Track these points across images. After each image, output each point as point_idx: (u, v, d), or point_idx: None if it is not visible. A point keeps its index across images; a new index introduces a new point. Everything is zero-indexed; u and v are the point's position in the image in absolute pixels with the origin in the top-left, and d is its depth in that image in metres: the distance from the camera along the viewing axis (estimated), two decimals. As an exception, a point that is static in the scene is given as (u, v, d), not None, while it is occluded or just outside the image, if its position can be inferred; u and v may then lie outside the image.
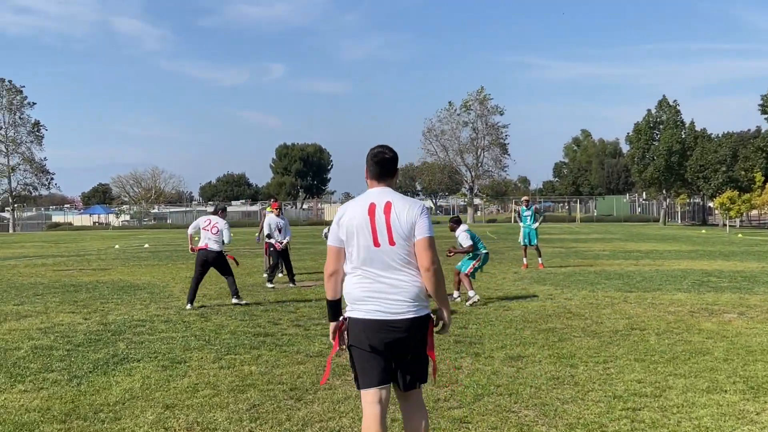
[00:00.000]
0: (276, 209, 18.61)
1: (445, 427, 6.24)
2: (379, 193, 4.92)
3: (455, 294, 14.62)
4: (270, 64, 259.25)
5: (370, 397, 4.79)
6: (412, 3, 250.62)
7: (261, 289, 17.12)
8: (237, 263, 15.39)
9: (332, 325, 5.00)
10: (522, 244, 22.35)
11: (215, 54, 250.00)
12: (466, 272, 14.40)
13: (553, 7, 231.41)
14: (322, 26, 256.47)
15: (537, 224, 22.66)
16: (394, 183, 5.09)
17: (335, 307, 5.02)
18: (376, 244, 4.77)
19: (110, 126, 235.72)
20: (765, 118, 52.87)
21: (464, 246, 14.37)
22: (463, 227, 14.84)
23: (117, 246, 42.24)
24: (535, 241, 22.32)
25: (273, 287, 17.15)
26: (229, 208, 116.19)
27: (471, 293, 14.00)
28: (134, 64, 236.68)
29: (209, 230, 14.11)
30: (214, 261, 14.21)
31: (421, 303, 4.79)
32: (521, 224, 22.67)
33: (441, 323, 5.03)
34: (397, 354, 4.78)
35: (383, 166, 4.99)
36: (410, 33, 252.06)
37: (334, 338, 4.97)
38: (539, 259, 22.27)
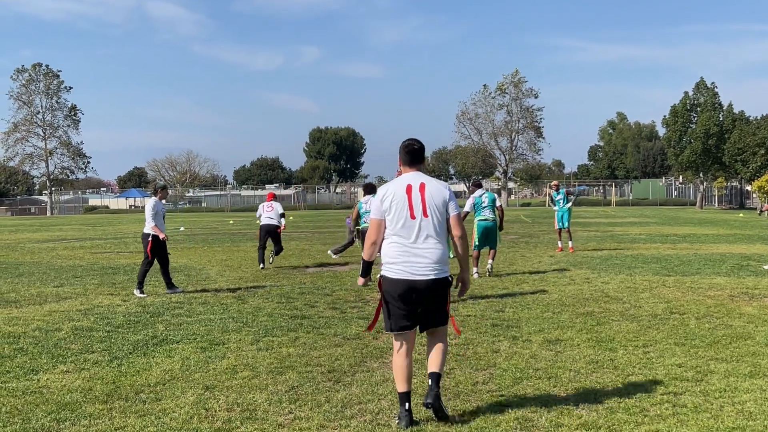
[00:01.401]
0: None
1: (484, 410, 6.21)
2: (413, 177, 6.23)
3: (474, 270, 15.31)
4: (304, 47, 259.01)
5: (397, 337, 6.09)
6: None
7: (298, 272, 17.19)
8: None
9: (361, 279, 6.83)
10: (557, 227, 22.24)
11: (249, 38, 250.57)
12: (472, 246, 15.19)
13: None
14: (357, 9, 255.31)
15: (570, 204, 22.58)
16: (424, 167, 6.42)
17: (368, 267, 6.56)
18: (412, 216, 6.04)
19: (146, 111, 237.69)
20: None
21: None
22: (477, 192, 15.70)
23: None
24: (567, 224, 22.22)
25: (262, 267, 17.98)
26: (263, 192, 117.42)
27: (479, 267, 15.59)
28: (169, 48, 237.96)
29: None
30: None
31: (443, 266, 6.06)
32: (555, 208, 22.51)
33: (460, 284, 6.40)
34: (421, 305, 6.02)
35: (413, 154, 6.34)
36: (445, 15, 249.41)
37: (363, 284, 7.02)
38: (570, 242, 22.13)
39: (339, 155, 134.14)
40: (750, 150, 67.83)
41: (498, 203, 15.91)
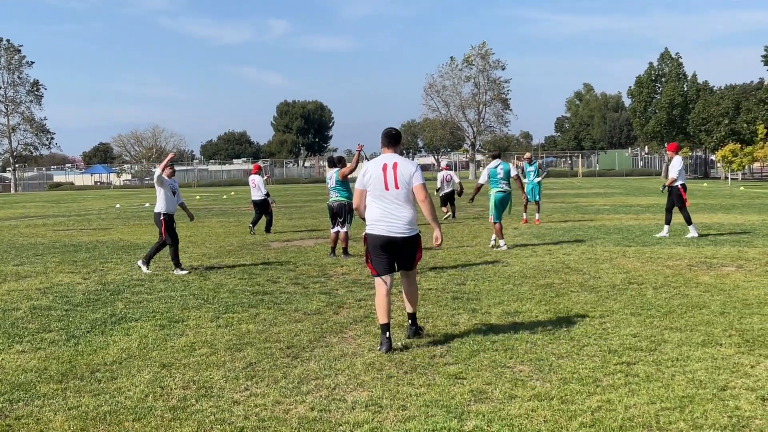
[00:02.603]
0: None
1: (440, 383, 6.25)
2: (389, 157, 7.84)
3: (501, 242, 15.61)
4: (272, 20, 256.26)
5: (380, 280, 7.65)
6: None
7: (262, 248, 17.12)
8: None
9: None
10: (526, 200, 22.33)
11: (216, 11, 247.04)
12: (491, 220, 15.63)
13: None
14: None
15: (540, 179, 22.82)
16: (398, 149, 8.08)
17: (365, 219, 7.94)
18: (386, 188, 7.63)
19: (112, 86, 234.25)
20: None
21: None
22: (492, 164, 16.03)
23: (118, 205, 42.30)
24: (538, 197, 22.41)
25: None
26: (230, 167, 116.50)
27: (496, 240, 15.74)
28: (136, 22, 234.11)
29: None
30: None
31: (413, 227, 7.71)
32: (525, 180, 22.58)
33: (435, 236, 7.88)
34: (396, 254, 7.69)
35: (390, 138, 8.02)
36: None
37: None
38: (537, 214, 22.36)
39: (307, 129, 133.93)
40: (714, 120, 68.48)
41: (513, 173, 15.97)
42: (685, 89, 74.25)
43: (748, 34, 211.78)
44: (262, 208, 20.80)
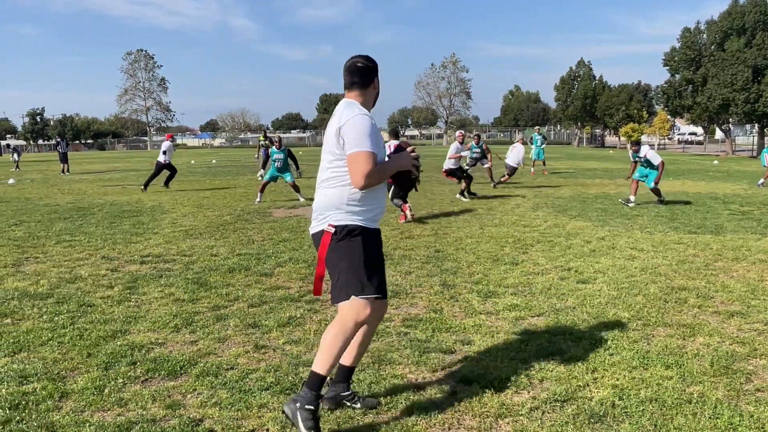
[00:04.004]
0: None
1: None
2: (337, 108, 3.15)
3: (631, 198, 12.58)
4: (322, 45, 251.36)
5: None
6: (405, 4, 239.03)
7: (261, 216, 13.24)
8: None
9: None
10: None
11: (286, 39, 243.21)
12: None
13: (491, 8, 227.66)
14: (360, 20, 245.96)
15: (543, 145, 22.26)
16: (364, 95, 3.16)
17: None
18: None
19: (218, 85, 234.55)
20: (667, 70, 48.17)
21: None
22: (644, 149, 12.76)
23: (193, 161, 38.35)
24: (543, 157, 22.13)
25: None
26: (287, 136, 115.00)
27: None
28: (237, 46, 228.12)
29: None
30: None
31: (318, 218, 3.13)
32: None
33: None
34: None
35: (348, 74, 3.17)
36: (411, 26, 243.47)
37: None
38: (544, 167, 22.68)
39: None
40: (614, 107, 64.80)
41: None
42: (594, 86, 69.97)
43: (625, 57, 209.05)
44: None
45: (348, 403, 3.40)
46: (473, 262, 7.09)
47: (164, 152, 16.66)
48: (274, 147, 14.16)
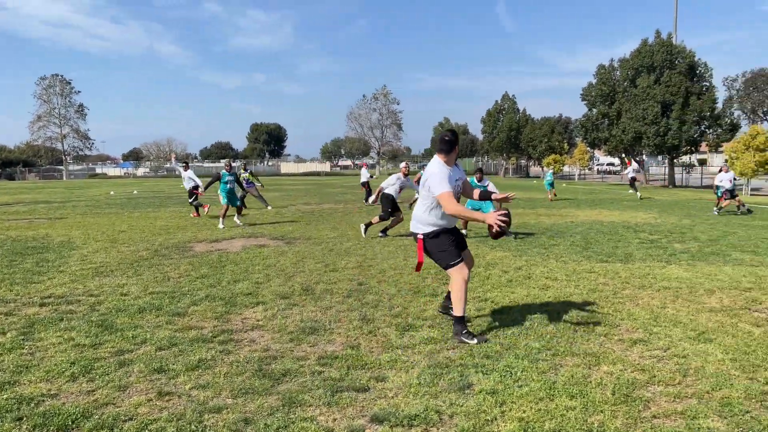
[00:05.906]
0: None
1: None
2: (430, 163, 5.42)
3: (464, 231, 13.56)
4: (255, 74, 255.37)
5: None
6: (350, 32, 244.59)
7: (179, 252, 12.84)
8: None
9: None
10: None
11: (220, 67, 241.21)
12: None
13: (423, 40, 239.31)
14: (294, 49, 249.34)
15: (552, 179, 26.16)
16: (446, 155, 5.32)
17: None
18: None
19: (145, 110, 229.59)
20: (585, 104, 51.08)
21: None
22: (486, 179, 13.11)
23: (112, 192, 36.77)
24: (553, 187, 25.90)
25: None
26: (216, 165, 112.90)
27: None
28: (170, 73, 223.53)
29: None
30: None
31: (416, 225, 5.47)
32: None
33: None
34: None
35: (439, 142, 5.36)
36: (342, 59, 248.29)
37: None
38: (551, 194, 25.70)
39: (269, 140, 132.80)
40: (537, 139, 67.22)
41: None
42: (518, 119, 72.75)
43: (541, 90, 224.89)
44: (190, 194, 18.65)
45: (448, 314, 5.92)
46: (394, 295, 7.11)
47: (190, 178, 18.06)
48: (224, 170, 15.49)
